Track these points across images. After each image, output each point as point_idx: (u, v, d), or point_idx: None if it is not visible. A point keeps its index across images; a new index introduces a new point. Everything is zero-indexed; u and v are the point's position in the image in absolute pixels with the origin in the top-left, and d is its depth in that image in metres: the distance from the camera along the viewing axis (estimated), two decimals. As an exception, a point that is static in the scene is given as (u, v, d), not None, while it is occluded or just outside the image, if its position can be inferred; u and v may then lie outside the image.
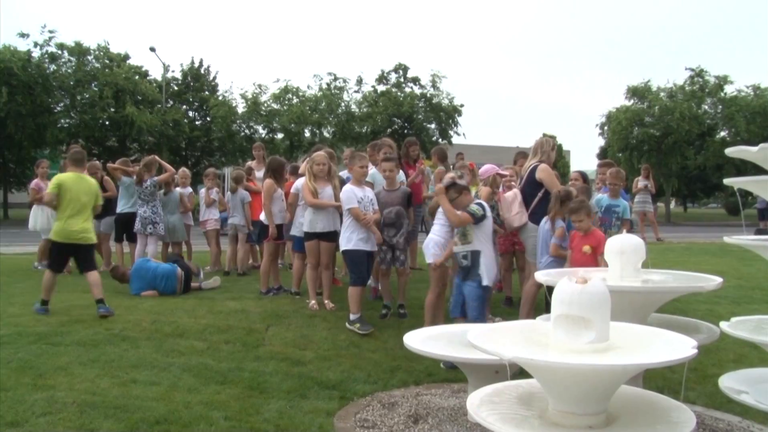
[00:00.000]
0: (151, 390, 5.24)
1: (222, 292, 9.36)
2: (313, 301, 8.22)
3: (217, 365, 5.99)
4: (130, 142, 35.73)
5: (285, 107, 36.81)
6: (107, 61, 35.16)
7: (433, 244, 7.39)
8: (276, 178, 9.25)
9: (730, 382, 4.17)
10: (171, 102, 38.39)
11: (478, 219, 6.18)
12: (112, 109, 33.47)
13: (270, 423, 4.66)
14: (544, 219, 7.10)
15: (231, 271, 11.26)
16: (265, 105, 37.37)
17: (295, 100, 37.11)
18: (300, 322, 7.63)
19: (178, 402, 4.98)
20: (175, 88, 39.39)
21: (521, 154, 9.43)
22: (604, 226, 7.79)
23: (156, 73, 39.07)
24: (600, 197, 8.12)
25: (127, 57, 36.73)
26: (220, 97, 38.34)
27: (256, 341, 6.85)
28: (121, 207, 11.01)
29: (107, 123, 34.32)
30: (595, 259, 6.05)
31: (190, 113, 39.69)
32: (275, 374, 5.80)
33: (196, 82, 39.69)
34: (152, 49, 36.78)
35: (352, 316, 7.20)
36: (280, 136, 37.27)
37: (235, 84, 78.11)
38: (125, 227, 11.00)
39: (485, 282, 6.22)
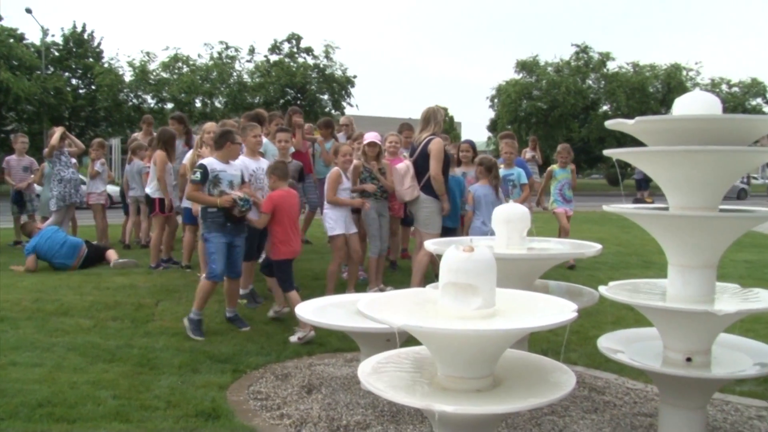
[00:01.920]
0: (33, 372, 5.02)
1: (109, 268, 9.05)
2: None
3: (104, 343, 5.80)
4: (6, 110, 33.59)
5: (175, 76, 35.64)
6: (-24, 23, 32.83)
7: (327, 217, 7.42)
8: (168, 149, 8.99)
9: (607, 343, 4.37)
10: (51, 69, 36.20)
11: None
12: (-16, 75, 31.32)
13: (161, 399, 4.57)
14: (478, 185, 7.54)
15: (131, 244, 10.92)
16: (154, 74, 36.03)
17: (185, 69, 36.00)
18: (191, 296, 7.41)
19: (63, 383, 4.80)
20: (56, 53, 37.17)
21: (406, 125, 9.56)
22: (503, 195, 8.03)
23: (34, 37, 36.91)
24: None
25: (-1, 18, 34.40)
26: (106, 65, 36.56)
27: (146, 317, 6.68)
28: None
29: (-22, 90, 32.13)
30: None
31: (74, 81, 37.56)
32: (166, 350, 5.68)
33: (79, 48, 37.57)
34: (28, 11, 34.53)
35: (241, 291, 7.12)
36: (169, 106, 36.01)
37: (121, 51, 74.59)
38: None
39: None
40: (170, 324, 6.43)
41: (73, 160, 10.88)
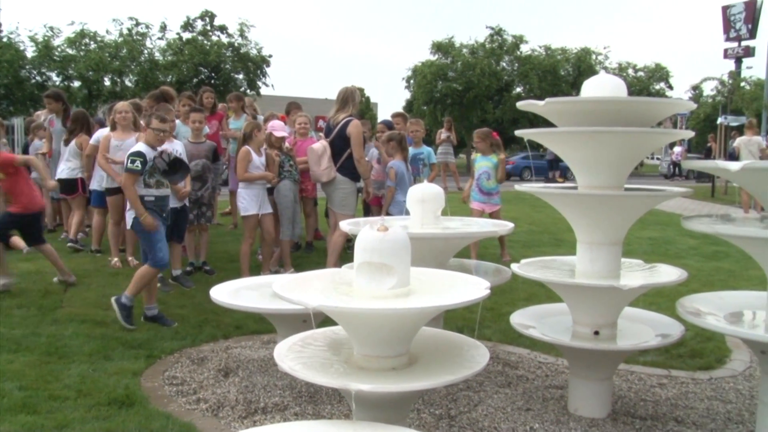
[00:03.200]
0: (-74, 366, 4.76)
1: (13, 253, 8.66)
2: (116, 259, 7.87)
3: (9, 332, 5.55)
4: None
5: (81, 53, 34.13)
6: None
7: (240, 197, 7.33)
8: (87, 130, 8.74)
9: (519, 319, 4.50)
10: (-58, 42, 34.16)
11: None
12: None
13: (71, 389, 4.41)
14: (398, 161, 7.64)
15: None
16: (59, 50, 34.39)
17: (92, 46, 34.49)
18: (102, 281, 7.27)
19: (-38, 376, 4.57)
20: (-53, 26, 35.07)
21: (294, 104, 9.58)
22: (414, 174, 8.11)
23: None
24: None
25: None
26: (5, 39, 34.69)
27: (54, 304, 6.44)
28: None
29: None
30: None
31: (-32, 56, 35.60)
32: (76, 337, 5.49)
33: (-26, 21, 35.56)
34: None
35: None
36: (76, 84, 34.54)
37: (22, 25, 70.96)
38: None
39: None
40: (80, 310, 6.22)
41: None
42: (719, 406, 4.45)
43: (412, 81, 44.50)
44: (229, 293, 4.83)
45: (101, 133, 7.99)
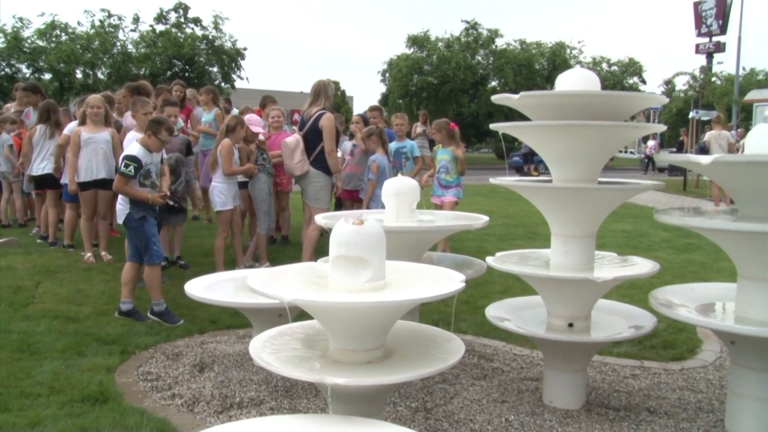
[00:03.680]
0: None
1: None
2: (89, 254, 7.78)
3: (-22, 329, 5.48)
4: None
5: (52, 45, 33.66)
6: None
7: (217, 191, 7.28)
8: (57, 122, 8.64)
9: (495, 312, 4.52)
10: None
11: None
12: None
13: (44, 386, 4.36)
14: (380, 155, 7.68)
15: (9, 222, 10.37)
16: (29, 41, 33.90)
17: (64, 38, 34.07)
18: (75, 276, 7.19)
19: (-70, 373, 4.50)
20: None
21: (269, 98, 9.56)
22: (396, 168, 8.09)
23: None
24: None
25: None
26: (-27, 30, 34.14)
27: (25, 300, 6.35)
28: None
29: None
30: None
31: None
32: (48, 333, 5.42)
33: (-59, 12, 34.91)
34: None
35: None
36: (47, 76, 34.06)
37: (-10, 17, 69.58)
38: None
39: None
40: (52, 306, 6.15)
41: None
42: (690, 396, 4.51)
43: (387, 74, 44.51)
44: (204, 288, 4.79)
45: (74, 125, 7.90)
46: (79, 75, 34.59)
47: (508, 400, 4.38)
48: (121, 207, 5.90)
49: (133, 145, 5.94)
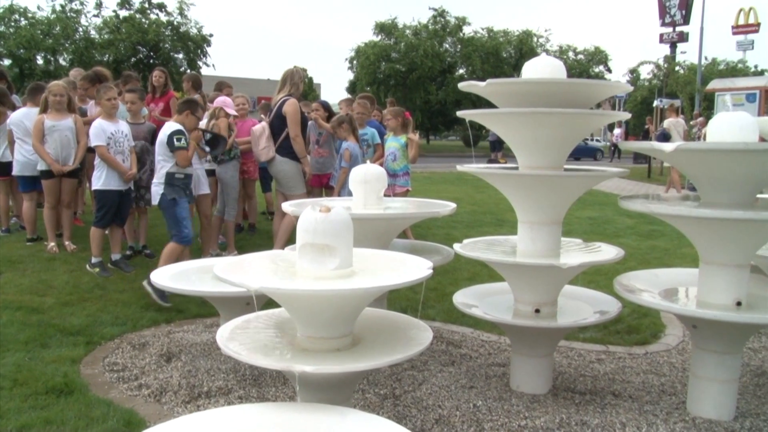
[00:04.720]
0: None
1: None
2: (53, 244, 7.65)
3: (-63, 321, 5.36)
4: None
5: (11, 30, 32.90)
6: None
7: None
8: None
9: (462, 298, 4.55)
10: None
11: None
12: None
13: (6, 378, 4.28)
14: (352, 143, 7.60)
15: None
16: (-14, 26, 33.14)
17: (23, 22, 33.31)
18: (37, 266, 7.06)
19: None
20: None
21: (224, 84, 9.53)
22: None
23: None
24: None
25: None
26: (-74, 14, 33.23)
27: (-15, 291, 6.23)
28: None
29: None
30: None
31: None
32: (10, 325, 5.32)
33: None
34: None
35: (93, 259, 6.84)
36: (6, 62, 33.30)
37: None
38: None
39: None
40: (14, 297, 6.03)
41: None
42: (654, 380, 4.59)
43: (355, 62, 44.37)
44: (170, 277, 4.74)
45: (25, 112, 7.78)
46: (40, 61, 33.88)
47: (476, 386, 4.41)
48: (156, 189, 6.30)
49: (170, 123, 6.41)
